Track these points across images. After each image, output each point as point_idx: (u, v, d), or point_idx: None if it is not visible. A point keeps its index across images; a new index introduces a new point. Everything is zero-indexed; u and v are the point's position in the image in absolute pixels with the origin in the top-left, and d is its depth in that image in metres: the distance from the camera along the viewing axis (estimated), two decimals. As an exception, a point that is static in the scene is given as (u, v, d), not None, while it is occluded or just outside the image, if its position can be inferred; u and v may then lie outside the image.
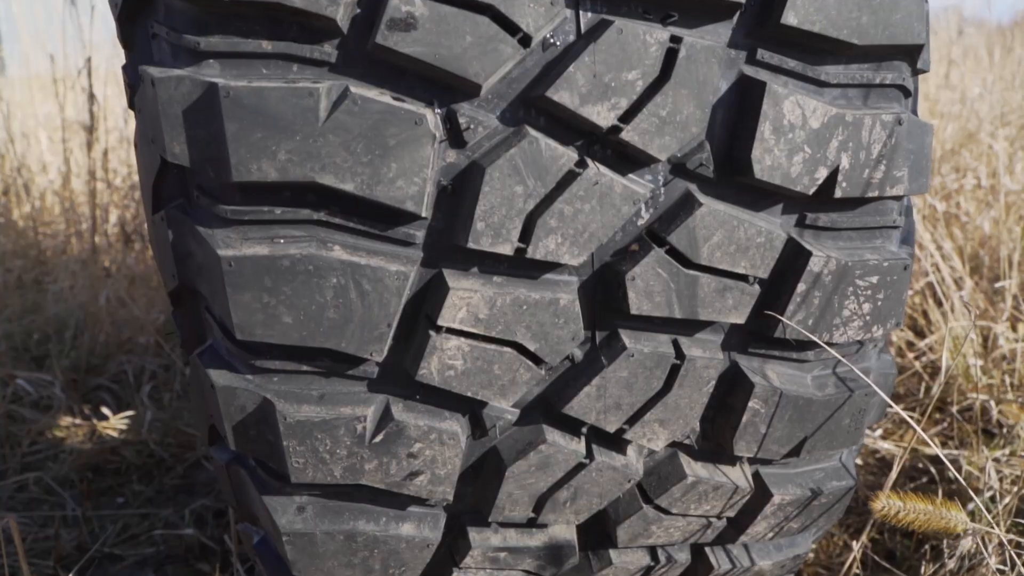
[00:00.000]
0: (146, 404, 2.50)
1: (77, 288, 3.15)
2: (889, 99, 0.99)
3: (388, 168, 0.87)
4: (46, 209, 3.83)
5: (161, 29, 0.90)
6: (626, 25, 0.87)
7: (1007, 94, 3.82)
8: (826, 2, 0.91)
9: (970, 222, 2.93)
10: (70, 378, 2.71)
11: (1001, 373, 2.16)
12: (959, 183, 3.13)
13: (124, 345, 2.94)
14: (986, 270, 2.75)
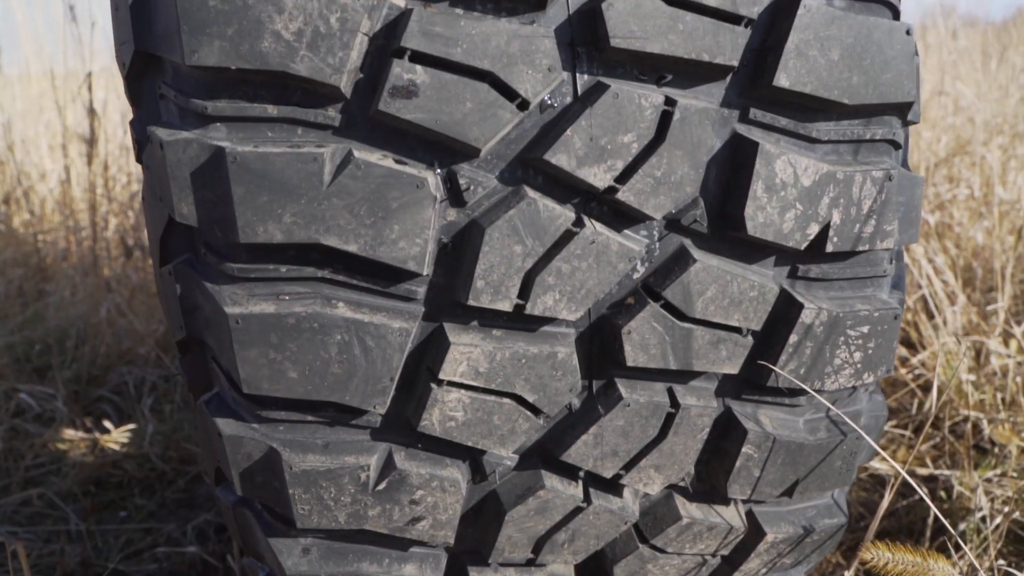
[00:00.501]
0: (147, 417, 2.52)
1: (78, 297, 3.17)
2: (879, 153, 1.01)
3: (391, 230, 0.89)
4: (46, 217, 3.85)
5: (169, 91, 0.92)
6: (622, 89, 0.90)
7: (1001, 101, 3.84)
8: (817, 64, 0.93)
9: (963, 232, 2.95)
10: (72, 389, 2.73)
11: (993, 389, 2.19)
12: (952, 193, 3.15)
13: (125, 355, 2.96)
14: (979, 282, 2.77)
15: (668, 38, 0.90)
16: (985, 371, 2.29)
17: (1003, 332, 2.43)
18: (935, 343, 2.32)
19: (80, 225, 3.67)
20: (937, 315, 2.37)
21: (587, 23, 0.91)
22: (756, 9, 0.92)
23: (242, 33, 0.85)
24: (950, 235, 3.08)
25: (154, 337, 2.93)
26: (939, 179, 3.34)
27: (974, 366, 2.32)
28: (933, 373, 2.28)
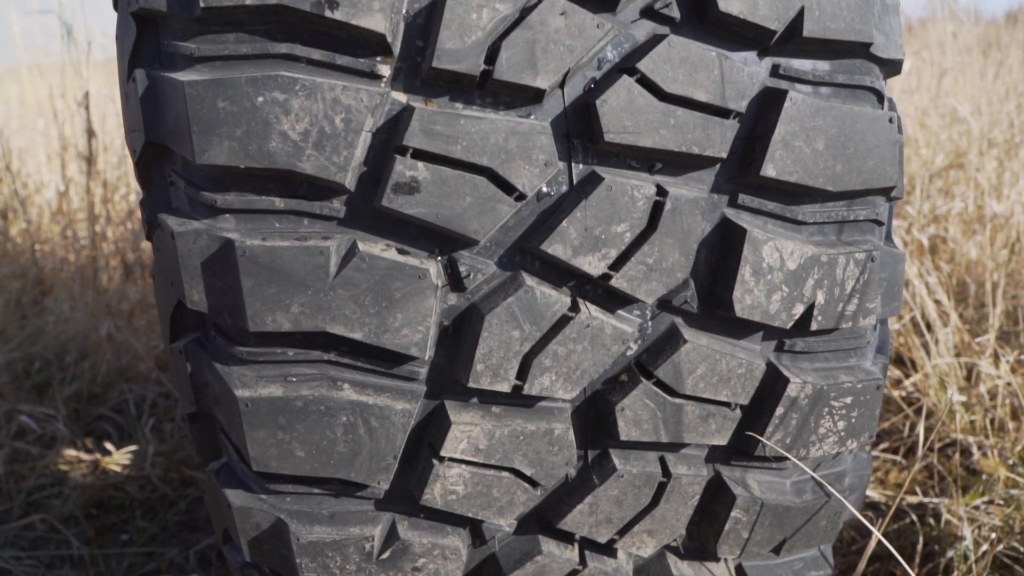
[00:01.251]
0: (148, 437, 2.56)
1: (76, 312, 3.19)
2: (863, 232, 1.05)
3: (394, 318, 0.93)
4: (43, 227, 3.87)
5: (179, 180, 0.96)
6: (615, 181, 0.93)
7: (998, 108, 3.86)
8: (803, 154, 0.97)
9: (957, 248, 2.98)
10: (72, 408, 2.77)
11: (983, 410, 2.23)
12: (947, 207, 3.18)
13: (125, 372, 2.99)
14: (972, 298, 2.80)
15: (660, 132, 0.94)
16: (976, 391, 2.32)
17: (993, 353, 2.48)
18: (927, 365, 2.36)
19: (79, 235, 3.69)
20: (929, 337, 2.40)
21: (582, 116, 0.95)
22: (744, 103, 0.95)
23: (250, 134, 0.89)
24: (944, 249, 3.11)
25: (154, 354, 2.96)
26: (934, 191, 3.37)
27: (965, 386, 2.36)
28: (925, 397, 2.32)
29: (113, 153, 4.02)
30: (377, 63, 0.92)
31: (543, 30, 0.91)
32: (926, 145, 3.79)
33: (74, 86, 3.50)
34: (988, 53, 6.07)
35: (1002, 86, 4.19)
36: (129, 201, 3.81)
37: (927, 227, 3.19)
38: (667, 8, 0.95)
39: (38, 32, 3.76)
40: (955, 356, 2.43)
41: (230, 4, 0.88)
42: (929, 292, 2.59)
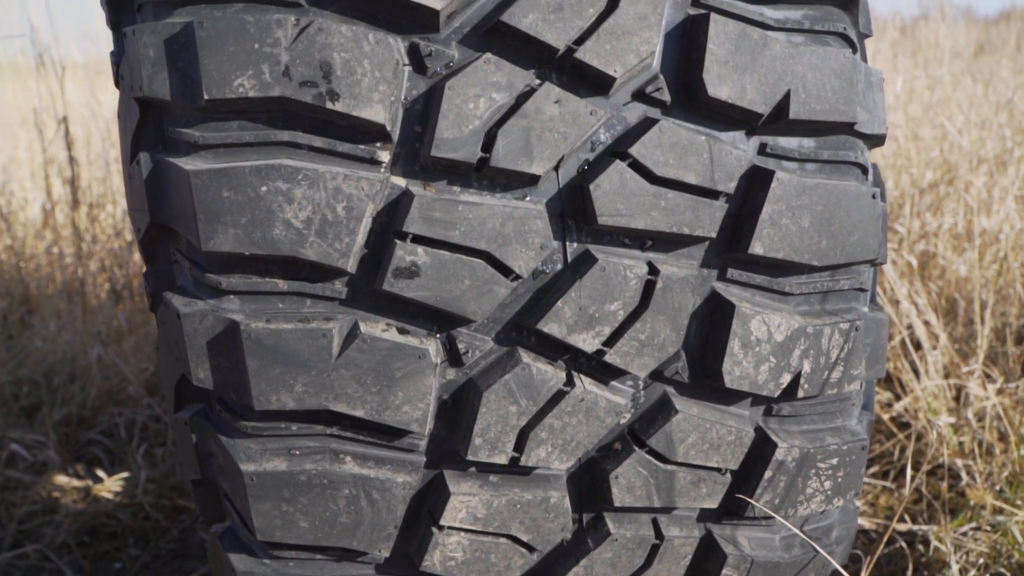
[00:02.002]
0: (140, 463, 2.57)
1: (65, 331, 3.20)
2: (848, 300, 1.08)
3: (395, 396, 0.96)
4: (28, 242, 3.86)
5: (184, 261, 0.98)
6: (608, 262, 0.96)
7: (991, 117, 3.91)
8: (789, 231, 1.00)
9: (948, 265, 3.02)
10: (62, 432, 2.77)
11: (971, 433, 2.27)
12: (938, 223, 3.22)
13: (114, 395, 3.00)
14: (961, 315, 2.84)
15: (651, 214, 0.97)
16: (965, 413, 2.36)
17: (982, 374, 2.52)
18: (916, 388, 2.39)
19: (64, 252, 3.69)
20: (916, 356, 2.44)
21: (576, 198, 0.97)
22: (732, 184, 0.99)
23: (255, 222, 0.91)
24: (934, 264, 3.14)
25: (143, 377, 2.97)
26: (924, 206, 3.41)
27: (954, 407, 2.40)
28: (915, 420, 2.37)
29: (98, 168, 4.02)
30: (377, 149, 0.94)
31: (538, 118, 0.93)
32: (917, 154, 3.84)
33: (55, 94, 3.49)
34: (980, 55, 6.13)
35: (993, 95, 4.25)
36: (115, 218, 3.81)
37: (917, 242, 3.24)
38: (658, 92, 0.97)
39: (15, 30, 3.75)
40: (944, 377, 2.47)
41: (233, 96, 0.91)
42: (919, 313, 2.62)
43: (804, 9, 1.03)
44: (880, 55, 5.25)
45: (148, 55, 0.93)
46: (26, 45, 4.38)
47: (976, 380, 2.42)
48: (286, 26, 0.91)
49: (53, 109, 3.47)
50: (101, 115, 4.27)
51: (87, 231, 3.52)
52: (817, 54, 1.00)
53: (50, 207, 3.61)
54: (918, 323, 2.50)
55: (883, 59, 5.05)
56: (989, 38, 6.68)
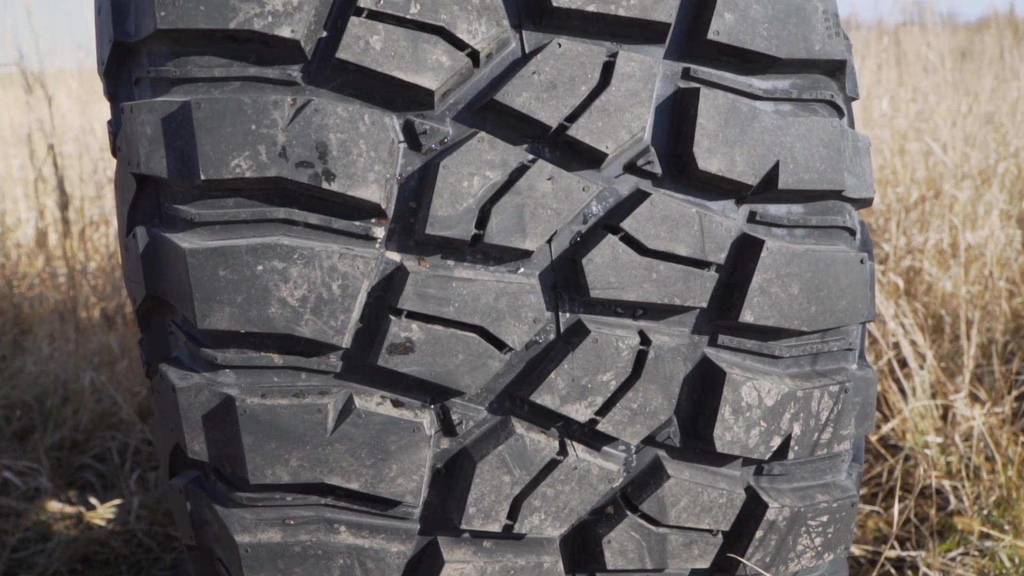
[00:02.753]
0: (133, 490, 2.57)
1: (57, 351, 3.20)
2: (837, 360, 1.10)
3: (389, 469, 0.97)
4: (22, 264, 3.86)
5: (179, 332, 0.99)
6: (601, 333, 0.98)
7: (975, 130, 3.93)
8: (779, 299, 1.02)
9: (934, 282, 3.04)
10: (54, 457, 2.77)
11: (959, 455, 2.29)
12: (923, 238, 3.24)
13: (107, 418, 3.00)
14: (948, 331, 2.85)
15: (643, 286, 0.98)
16: (953, 433, 2.38)
17: (969, 394, 2.54)
18: (904, 410, 2.41)
19: (57, 272, 3.69)
20: (901, 374, 2.45)
21: (568, 269, 0.99)
22: (723, 255, 1.00)
23: (251, 300, 0.92)
24: (920, 280, 3.16)
25: (136, 401, 2.97)
26: (910, 222, 3.43)
27: (941, 426, 2.42)
28: (903, 441, 2.39)
29: (91, 187, 4.02)
30: (372, 225, 0.95)
31: (531, 195, 0.95)
32: (903, 167, 3.86)
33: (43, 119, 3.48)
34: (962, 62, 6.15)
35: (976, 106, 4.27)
36: (108, 237, 3.81)
37: (904, 258, 3.26)
38: (649, 165, 0.99)
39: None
40: (931, 397, 2.49)
41: (230, 176, 0.91)
42: (905, 333, 2.64)
43: (792, 78, 1.05)
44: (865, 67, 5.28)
45: (145, 133, 0.94)
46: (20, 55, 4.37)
47: (963, 399, 2.44)
48: (283, 107, 0.92)
49: (43, 132, 3.46)
50: (93, 132, 4.27)
51: (80, 250, 3.51)
52: (805, 124, 1.02)
53: (43, 227, 3.60)
54: (905, 343, 2.52)
55: (868, 71, 5.07)
56: (971, 45, 6.71)
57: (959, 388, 2.51)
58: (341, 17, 0.95)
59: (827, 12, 1.04)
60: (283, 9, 0.93)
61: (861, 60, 5.30)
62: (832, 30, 1.04)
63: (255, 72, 0.94)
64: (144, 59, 0.98)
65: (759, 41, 1.00)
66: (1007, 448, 2.29)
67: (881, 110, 4.12)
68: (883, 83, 5.09)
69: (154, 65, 0.97)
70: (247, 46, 0.94)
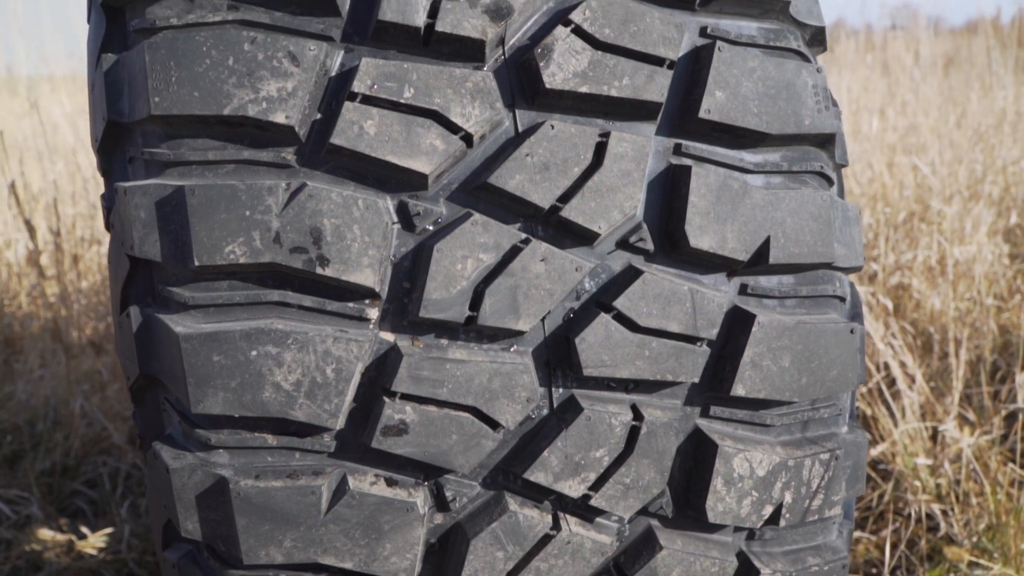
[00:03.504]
0: (124, 518, 2.57)
1: (48, 373, 3.19)
2: (828, 425, 1.11)
3: (383, 548, 0.97)
4: (12, 284, 3.84)
5: (172, 411, 0.99)
6: (594, 411, 0.98)
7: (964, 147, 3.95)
8: (770, 372, 1.02)
9: (922, 299, 3.05)
10: (45, 483, 2.77)
11: (948, 479, 2.30)
12: (912, 254, 3.26)
13: (98, 442, 2.99)
14: (936, 349, 2.87)
15: (636, 363, 0.99)
16: (942, 454, 2.39)
17: (958, 415, 2.55)
18: (894, 432, 2.42)
19: (47, 291, 3.68)
20: (890, 394, 2.47)
21: (561, 346, 0.99)
22: (715, 331, 1.01)
23: (245, 385, 0.92)
24: (908, 296, 3.18)
25: (127, 426, 2.97)
26: (899, 237, 3.44)
27: (931, 447, 2.43)
28: (892, 464, 2.40)
29: (84, 205, 4.00)
30: (366, 307, 0.96)
31: (524, 276, 0.95)
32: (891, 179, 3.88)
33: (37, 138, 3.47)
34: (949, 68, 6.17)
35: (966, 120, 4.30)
36: (100, 256, 3.79)
37: (892, 274, 3.28)
38: (641, 242, 0.99)
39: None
40: (920, 417, 2.51)
41: (224, 263, 0.92)
42: (895, 355, 2.66)
43: (782, 151, 1.06)
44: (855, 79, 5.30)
45: (139, 216, 0.94)
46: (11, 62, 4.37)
47: (953, 421, 2.46)
48: (277, 192, 0.92)
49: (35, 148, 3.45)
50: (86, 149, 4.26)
51: (71, 269, 3.50)
52: (796, 199, 1.03)
53: (33, 247, 3.59)
54: (894, 364, 2.53)
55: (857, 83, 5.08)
56: (958, 51, 6.74)
57: (948, 410, 2.53)
58: (336, 99, 0.95)
59: (817, 87, 1.05)
60: (277, 95, 0.93)
61: (851, 72, 5.32)
62: (822, 104, 1.05)
63: (249, 155, 0.95)
64: (138, 138, 0.98)
65: (750, 118, 1.01)
66: (996, 472, 2.31)
67: (871, 128, 4.13)
68: (872, 91, 5.11)
69: (148, 146, 0.97)
70: (241, 130, 0.95)
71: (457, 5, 0.96)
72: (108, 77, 0.99)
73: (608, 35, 0.98)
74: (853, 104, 4.66)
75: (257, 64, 0.93)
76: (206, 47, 0.94)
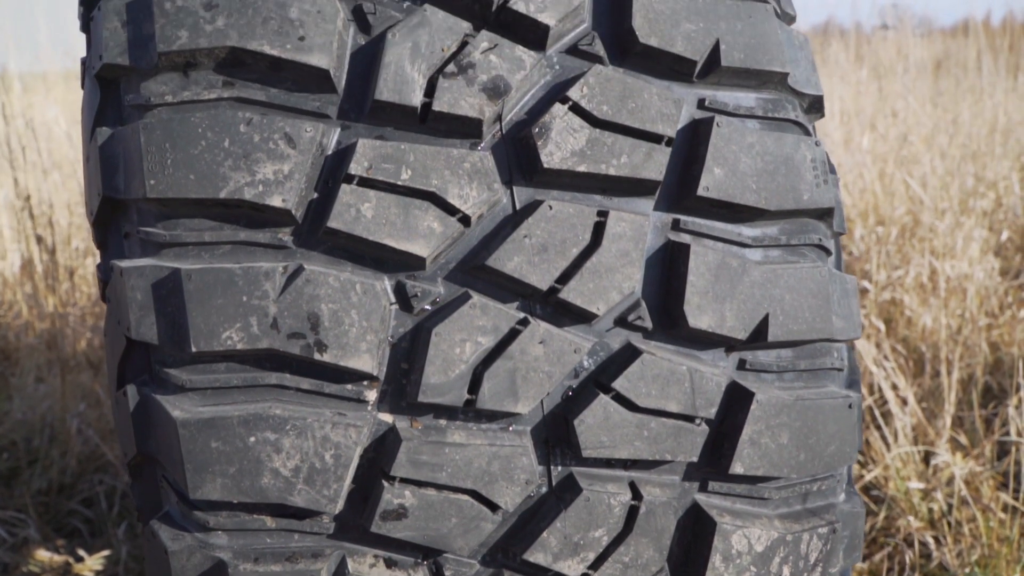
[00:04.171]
0: (120, 539, 2.57)
1: (44, 385, 3.18)
2: (826, 496, 1.11)
3: (383, 629, 0.97)
4: (7, 296, 3.83)
5: (170, 490, 0.99)
6: (593, 492, 0.98)
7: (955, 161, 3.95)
8: (768, 449, 1.02)
9: (915, 318, 3.06)
10: (41, 502, 2.77)
11: (940, 507, 2.31)
12: (904, 270, 3.26)
13: (94, 459, 2.99)
14: (928, 367, 2.87)
15: (634, 444, 0.99)
16: (934, 478, 2.40)
17: (950, 439, 2.56)
18: (886, 457, 2.43)
19: (42, 302, 3.66)
20: (884, 425, 2.47)
21: (560, 425, 0.99)
22: (713, 410, 1.01)
23: (243, 471, 0.92)
24: (900, 314, 3.18)
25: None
26: (891, 250, 3.44)
27: (923, 469, 2.44)
28: (885, 488, 2.41)
29: (79, 215, 3.99)
30: (364, 388, 0.95)
31: (523, 359, 0.95)
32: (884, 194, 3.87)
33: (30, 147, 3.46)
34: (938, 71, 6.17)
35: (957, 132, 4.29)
36: (92, 268, 3.77)
37: (884, 290, 3.28)
38: (640, 320, 0.99)
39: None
40: (912, 441, 2.51)
41: (221, 349, 0.91)
42: (886, 376, 2.66)
43: (781, 223, 1.05)
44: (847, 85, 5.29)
45: (136, 298, 0.94)
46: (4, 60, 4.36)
47: (945, 445, 2.46)
48: (274, 277, 0.92)
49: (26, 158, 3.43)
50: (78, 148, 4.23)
51: (66, 280, 3.49)
52: (794, 275, 1.02)
53: (28, 257, 3.58)
54: (886, 387, 2.54)
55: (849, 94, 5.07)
56: (948, 54, 6.73)
57: (940, 433, 2.54)
58: (332, 178, 0.95)
59: (815, 160, 1.04)
60: (274, 178, 0.92)
61: (841, 81, 5.31)
62: (820, 178, 1.05)
63: (246, 236, 0.94)
64: (133, 215, 0.98)
65: (749, 195, 1.00)
66: (989, 499, 2.32)
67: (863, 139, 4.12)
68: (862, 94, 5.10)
69: (144, 224, 0.96)
70: (238, 211, 0.94)
71: (454, 83, 0.95)
72: (103, 152, 0.99)
73: (606, 112, 0.98)
74: (844, 116, 4.64)
75: (253, 146, 0.93)
76: (202, 128, 0.93)
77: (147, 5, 0.95)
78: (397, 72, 0.94)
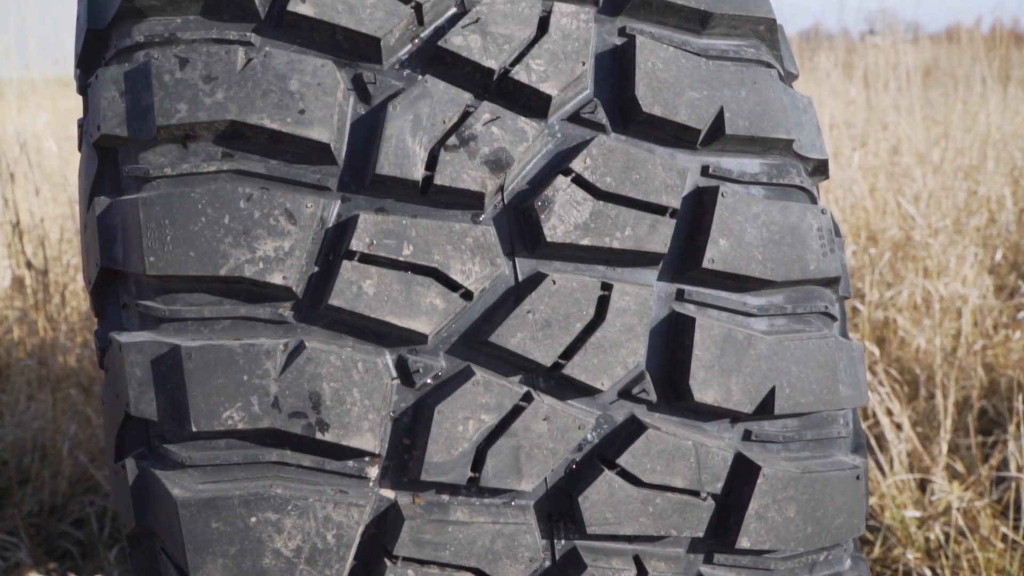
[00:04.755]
0: (111, 563, 2.55)
1: (34, 403, 3.16)
2: (832, 565, 1.10)
3: None
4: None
5: (169, 563, 0.98)
6: (598, 569, 0.97)
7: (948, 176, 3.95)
8: (775, 523, 1.02)
9: (908, 338, 3.06)
10: (33, 523, 2.75)
11: (937, 538, 2.31)
12: (897, 290, 3.25)
13: (85, 481, 2.97)
14: (923, 389, 2.87)
15: (639, 520, 0.98)
16: (931, 504, 2.39)
17: (946, 466, 2.56)
18: (882, 486, 2.42)
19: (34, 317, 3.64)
20: (879, 452, 2.47)
21: (563, 498, 0.98)
22: (719, 485, 1.00)
23: (244, 552, 0.91)
24: (893, 334, 3.18)
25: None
26: (884, 269, 3.44)
27: (919, 497, 2.44)
28: (881, 516, 2.41)
29: (70, 228, 3.96)
30: (365, 464, 0.94)
31: (527, 436, 0.94)
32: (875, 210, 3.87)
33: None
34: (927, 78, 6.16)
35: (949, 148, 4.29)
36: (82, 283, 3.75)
37: (877, 309, 3.28)
38: (644, 393, 0.98)
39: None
40: (908, 468, 2.51)
41: (222, 428, 0.90)
42: (881, 401, 2.66)
43: (786, 292, 1.04)
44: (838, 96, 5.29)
45: (135, 374, 0.93)
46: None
47: (941, 472, 2.46)
48: (275, 355, 0.90)
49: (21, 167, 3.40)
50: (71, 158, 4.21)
51: (56, 293, 3.46)
52: (801, 347, 1.01)
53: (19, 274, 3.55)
54: (881, 412, 2.53)
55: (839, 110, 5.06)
56: (937, 59, 6.72)
57: (936, 460, 2.53)
58: (333, 252, 0.94)
59: (822, 229, 1.04)
60: (274, 255, 0.91)
61: (830, 93, 5.31)
62: (827, 247, 1.04)
63: (246, 312, 0.93)
64: (132, 287, 0.96)
65: (754, 266, 1.00)
66: (988, 532, 2.31)
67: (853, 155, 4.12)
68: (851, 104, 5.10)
69: (142, 297, 0.95)
70: (238, 287, 0.93)
71: (456, 156, 0.94)
72: (101, 222, 0.97)
73: (610, 184, 0.97)
74: (834, 128, 4.63)
75: (253, 223, 0.91)
76: (201, 204, 0.92)
77: (146, 76, 0.94)
78: (398, 146, 0.93)
